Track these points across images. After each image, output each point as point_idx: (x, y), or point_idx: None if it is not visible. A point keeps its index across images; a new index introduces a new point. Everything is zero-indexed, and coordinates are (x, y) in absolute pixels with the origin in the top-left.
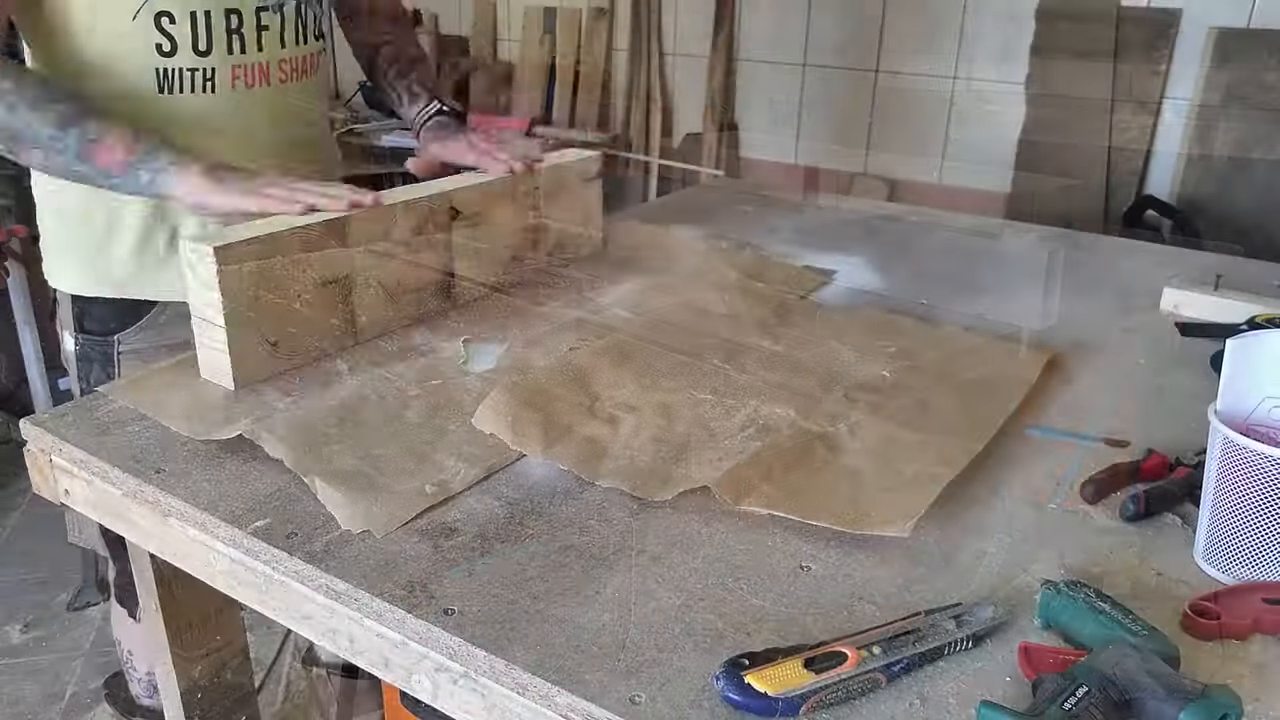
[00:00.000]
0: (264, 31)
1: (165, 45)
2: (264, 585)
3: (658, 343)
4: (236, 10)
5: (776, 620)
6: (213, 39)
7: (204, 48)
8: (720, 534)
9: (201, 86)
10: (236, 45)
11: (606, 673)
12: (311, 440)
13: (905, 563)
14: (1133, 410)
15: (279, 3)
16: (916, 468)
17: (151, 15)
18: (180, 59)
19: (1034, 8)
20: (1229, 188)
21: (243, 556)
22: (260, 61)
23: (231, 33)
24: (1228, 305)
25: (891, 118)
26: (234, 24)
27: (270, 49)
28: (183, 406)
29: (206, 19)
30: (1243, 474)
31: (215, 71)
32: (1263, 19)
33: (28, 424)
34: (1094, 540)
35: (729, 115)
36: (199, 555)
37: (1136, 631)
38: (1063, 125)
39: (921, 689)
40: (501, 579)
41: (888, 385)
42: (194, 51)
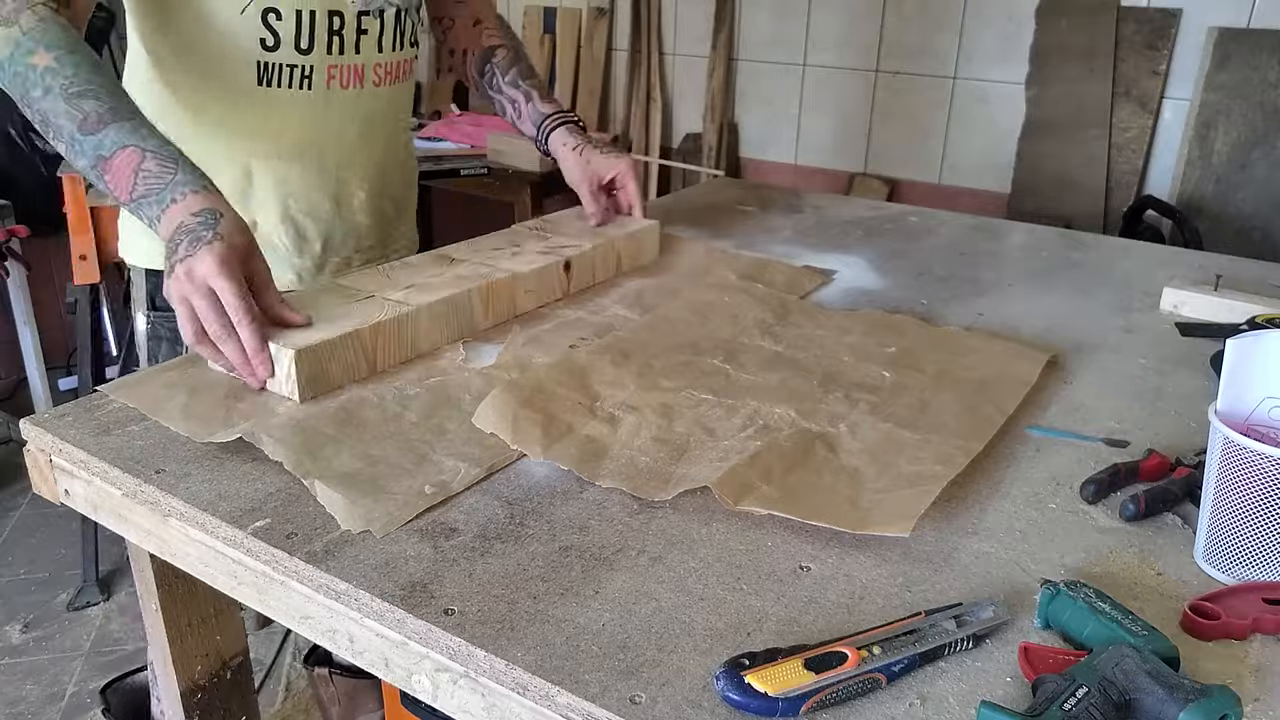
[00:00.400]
0: (363, 35)
1: (269, 40)
2: (264, 585)
3: (658, 342)
4: (339, 12)
5: (776, 620)
6: (315, 38)
7: (305, 46)
8: (720, 534)
9: (299, 83)
10: (336, 46)
11: (606, 673)
12: (311, 441)
13: (905, 563)
14: (1133, 410)
15: (380, 8)
16: (916, 468)
17: (259, 11)
18: (282, 54)
19: (1034, 8)
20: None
21: (243, 557)
22: (357, 64)
23: (333, 34)
24: (1228, 305)
25: (891, 118)
26: (336, 25)
27: (367, 52)
28: (183, 407)
29: (311, 18)
30: (1243, 474)
31: (314, 69)
32: (1263, 19)
33: (28, 424)
34: (1094, 540)
35: (729, 115)
36: (199, 556)
37: (1136, 632)
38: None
39: (921, 689)
40: (501, 579)
41: (888, 385)
42: (296, 49)
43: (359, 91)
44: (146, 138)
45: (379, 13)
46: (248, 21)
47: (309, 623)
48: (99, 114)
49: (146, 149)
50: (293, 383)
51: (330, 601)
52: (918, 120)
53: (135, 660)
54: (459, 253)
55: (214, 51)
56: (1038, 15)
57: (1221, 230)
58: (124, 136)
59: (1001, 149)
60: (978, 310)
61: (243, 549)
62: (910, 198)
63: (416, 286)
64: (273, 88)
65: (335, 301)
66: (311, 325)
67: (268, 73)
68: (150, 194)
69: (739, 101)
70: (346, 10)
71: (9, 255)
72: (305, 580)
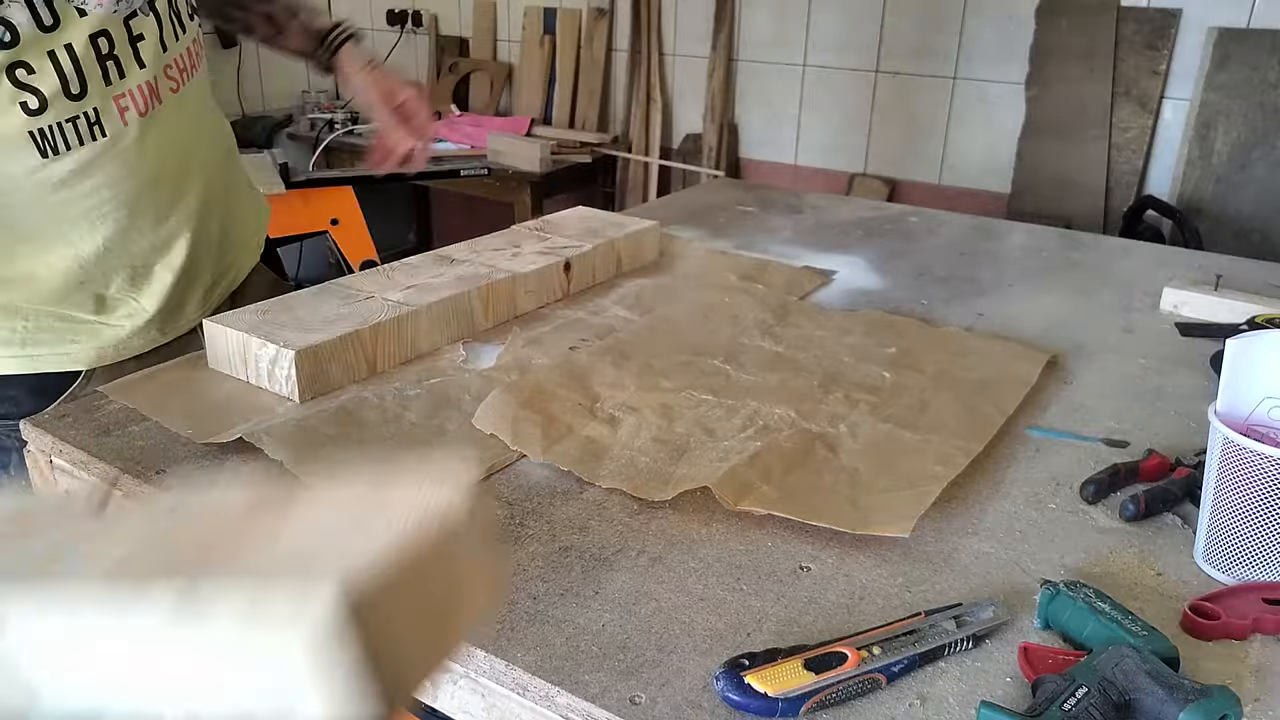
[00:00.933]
0: (139, 43)
1: (31, 102)
2: None
3: (658, 343)
4: (103, 32)
5: (776, 620)
6: (84, 75)
7: (78, 89)
8: (720, 534)
9: (89, 134)
10: (114, 72)
11: (606, 673)
12: (311, 442)
13: (905, 563)
14: (1133, 410)
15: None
16: (916, 468)
17: (2, 71)
18: (56, 112)
19: (1034, 8)
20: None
21: None
22: (143, 81)
23: (104, 59)
24: (1228, 305)
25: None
26: (104, 48)
27: (153, 61)
28: (183, 408)
29: (70, 54)
30: (1243, 474)
31: (99, 111)
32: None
33: (28, 424)
34: (1094, 540)
35: (729, 115)
36: None
37: (1136, 632)
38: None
39: (921, 689)
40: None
41: (888, 386)
42: (67, 97)
43: (160, 110)
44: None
45: (149, 5)
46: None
47: None
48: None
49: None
50: (293, 383)
51: None
52: (918, 120)
53: None
54: (459, 253)
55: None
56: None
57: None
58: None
59: (1001, 149)
60: (978, 310)
61: None
62: (910, 198)
63: (417, 287)
64: (60, 155)
65: (335, 302)
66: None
67: (46, 140)
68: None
69: (739, 102)
70: (111, 25)
71: None
72: None
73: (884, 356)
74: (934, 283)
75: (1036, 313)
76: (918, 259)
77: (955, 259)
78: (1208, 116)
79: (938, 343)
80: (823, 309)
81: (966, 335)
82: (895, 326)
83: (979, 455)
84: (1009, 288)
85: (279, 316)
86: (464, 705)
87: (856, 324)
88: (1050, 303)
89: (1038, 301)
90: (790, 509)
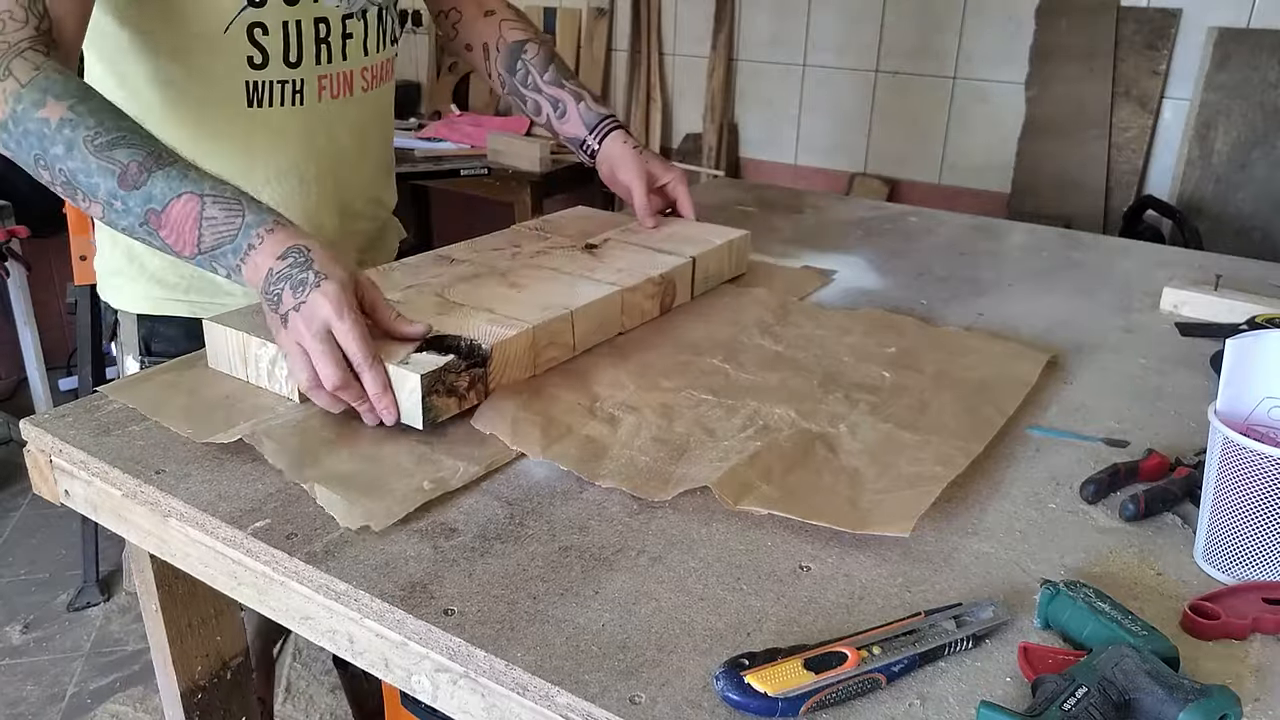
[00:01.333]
0: (348, 40)
1: (257, 58)
2: (264, 586)
3: (657, 342)
4: (324, 19)
5: (776, 620)
6: (303, 49)
7: (294, 59)
8: (720, 534)
9: (291, 99)
10: (324, 55)
11: (606, 673)
12: (311, 444)
13: (905, 563)
14: (1133, 410)
15: (363, 8)
16: (916, 469)
17: (244, 27)
18: (271, 71)
19: (1034, 8)
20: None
21: (242, 557)
22: (345, 71)
23: (320, 42)
24: (1228, 305)
25: (891, 118)
26: (322, 33)
27: (354, 57)
28: (183, 408)
29: (298, 29)
30: (1243, 474)
31: (304, 83)
32: (1263, 19)
33: (28, 424)
34: (1094, 540)
35: (729, 115)
36: (199, 556)
37: (1136, 632)
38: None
39: (921, 689)
40: (501, 579)
41: (887, 386)
42: (285, 63)
43: (347, 100)
44: (199, 180)
45: (362, 14)
46: (233, 40)
47: (309, 623)
48: (139, 162)
49: (204, 193)
50: (293, 383)
51: (330, 602)
52: (918, 120)
53: (136, 660)
54: (459, 253)
55: (200, 78)
56: (1038, 15)
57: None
58: (174, 184)
59: (1001, 149)
60: (978, 310)
61: (243, 549)
62: (910, 198)
63: (416, 287)
64: (264, 107)
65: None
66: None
67: (258, 92)
68: (222, 243)
69: (739, 101)
70: (331, 15)
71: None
72: (305, 581)
73: (884, 356)
74: (934, 282)
75: (1036, 313)
76: (918, 259)
77: (955, 259)
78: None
79: (937, 342)
80: (822, 308)
81: (966, 335)
82: (895, 326)
83: (979, 455)
84: (1009, 287)
85: None
86: (464, 705)
87: (856, 323)
88: (1050, 303)
89: (1038, 301)
90: (790, 509)
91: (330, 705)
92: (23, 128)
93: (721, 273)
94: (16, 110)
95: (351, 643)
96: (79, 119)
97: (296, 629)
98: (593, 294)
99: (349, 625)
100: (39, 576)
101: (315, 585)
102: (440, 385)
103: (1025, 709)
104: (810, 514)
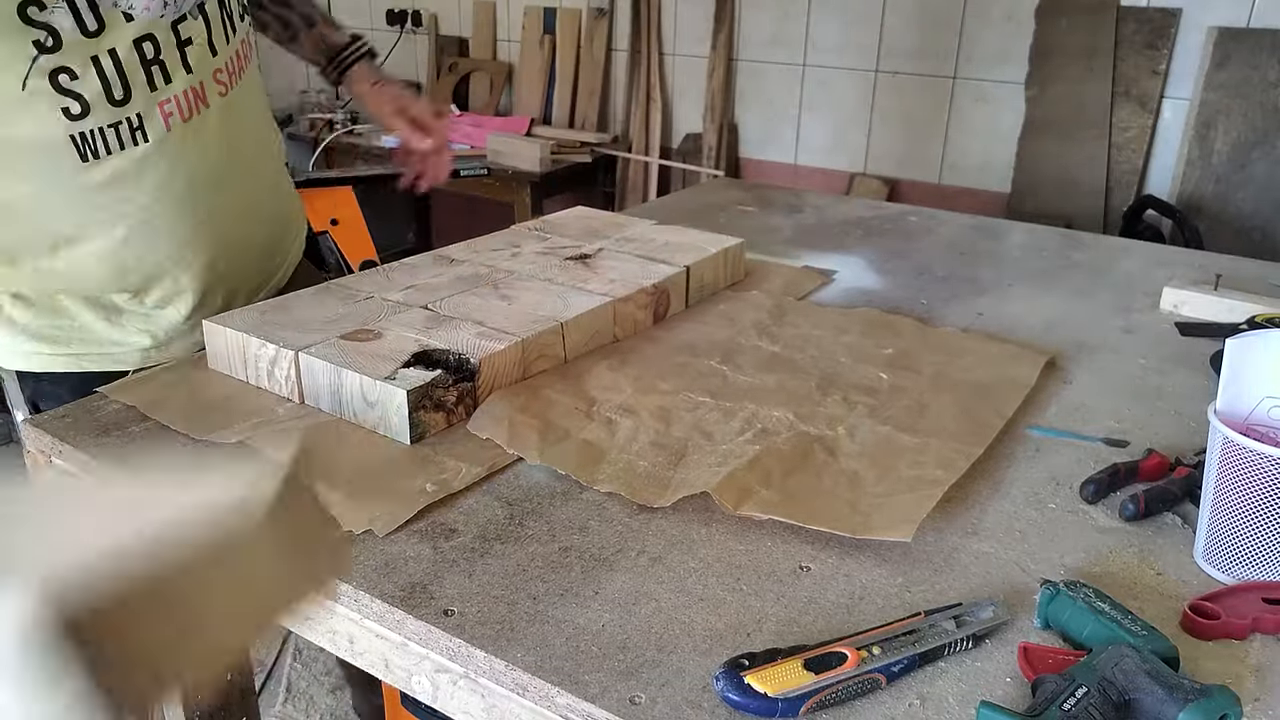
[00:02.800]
0: (187, 48)
1: (74, 107)
2: None
3: (654, 344)
4: (149, 36)
5: (776, 620)
6: (128, 81)
7: (120, 95)
8: (720, 534)
9: (130, 139)
10: (159, 77)
11: (606, 673)
12: (311, 444)
13: (905, 563)
14: (1133, 410)
15: (199, 2)
16: (916, 471)
17: (45, 77)
18: (96, 117)
19: (1034, 8)
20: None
21: None
22: (191, 85)
23: (149, 64)
24: (1227, 305)
25: (891, 118)
26: (149, 53)
27: (200, 64)
28: (183, 408)
29: (114, 60)
30: (1242, 474)
31: (143, 117)
32: (1262, 19)
33: (28, 425)
34: (1094, 540)
35: (729, 115)
36: None
37: (1136, 632)
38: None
39: (921, 689)
40: (501, 580)
41: (885, 387)
42: (110, 103)
43: (207, 113)
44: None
45: (199, 8)
46: (34, 97)
47: (309, 623)
48: None
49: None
50: (292, 383)
51: (330, 603)
52: (918, 120)
53: None
54: (459, 253)
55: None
56: (1038, 15)
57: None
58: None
59: (1001, 149)
60: (977, 310)
61: None
62: (910, 198)
63: (416, 287)
64: (101, 159)
65: (334, 303)
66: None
67: (87, 144)
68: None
69: (739, 101)
70: (157, 29)
71: None
72: None
73: (881, 357)
74: (934, 282)
75: (1036, 312)
76: (917, 259)
77: (955, 259)
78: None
79: (935, 344)
80: (819, 306)
81: (964, 336)
82: (892, 326)
83: (979, 456)
84: (1009, 287)
85: (278, 317)
86: (464, 705)
87: (853, 323)
88: (1050, 303)
89: (1038, 301)
90: (791, 514)
91: (330, 705)
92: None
93: (717, 281)
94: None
95: (352, 643)
96: None
97: (297, 629)
98: (584, 305)
99: (349, 626)
100: None
101: None
102: (428, 400)
103: (1025, 709)
104: (811, 519)
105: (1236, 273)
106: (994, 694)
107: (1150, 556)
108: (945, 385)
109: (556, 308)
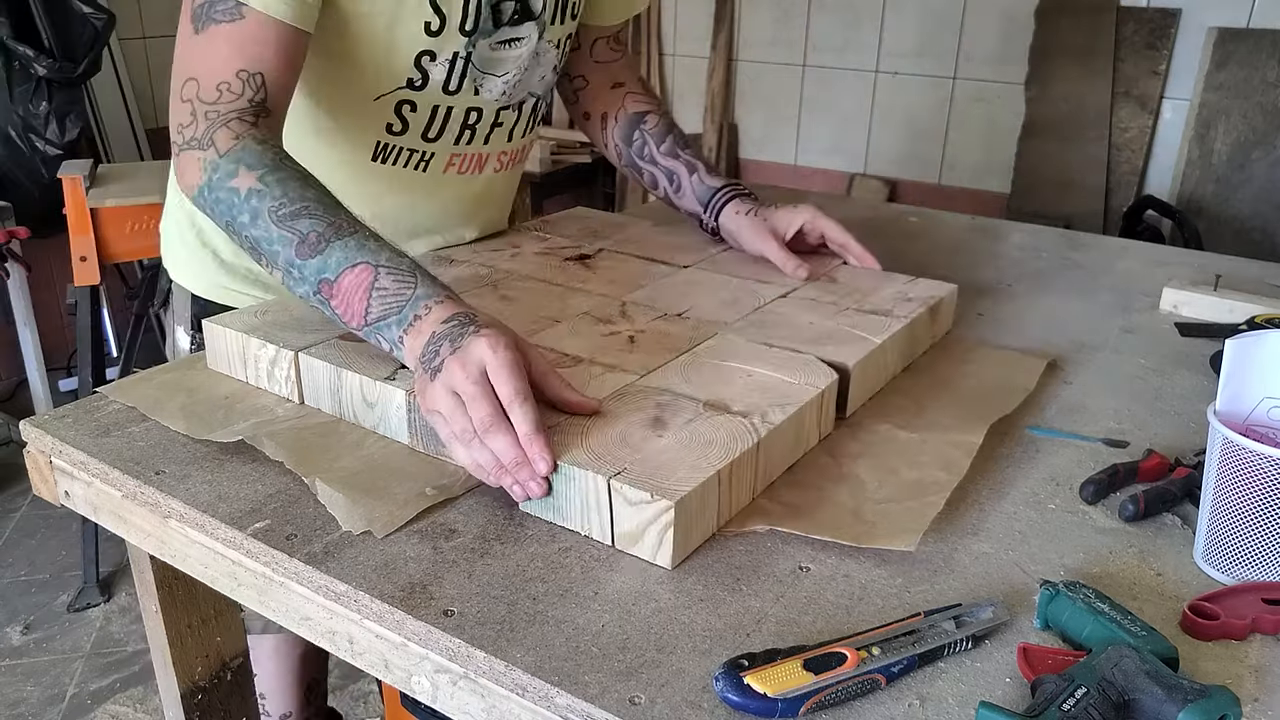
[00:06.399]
0: (497, 128)
1: (396, 126)
2: (264, 587)
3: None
4: (478, 108)
5: (776, 621)
6: (445, 129)
7: (433, 135)
8: (719, 534)
9: (416, 164)
10: (465, 138)
11: (606, 674)
12: (312, 444)
13: (905, 563)
14: (1133, 410)
15: (520, 100)
16: (917, 475)
17: (393, 102)
18: (406, 140)
19: (1034, 8)
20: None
21: (242, 558)
22: (482, 152)
23: (466, 127)
24: (1227, 305)
25: (891, 118)
26: (471, 120)
27: (496, 142)
28: (183, 408)
29: (447, 114)
30: (1242, 474)
31: (433, 155)
32: (1262, 19)
33: (28, 425)
34: (1093, 540)
35: (729, 116)
36: (199, 557)
37: (1136, 632)
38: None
39: (921, 689)
40: (501, 580)
41: (885, 389)
42: (422, 137)
43: (474, 177)
44: (376, 251)
45: (519, 105)
46: (379, 108)
47: (309, 624)
48: (318, 233)
49: (379, 264)
50: (292, 384)
51: (330, 603)
52: (918, 120)
53: (136, 661)
54: (459, 253)
55: (334, 129)
56: (1038, 15)
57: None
58: (350, 253)
59: (1001, 149)
60: (977, 310)
61: (242, 550)
62: (910, 198)
63: None
64: (385, 165)
65: None
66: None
67: (385, 151)
68: (389, 314)
69: (739, 102)
70: (486, 107)
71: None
72: (305, 582)
73: None
74: None
75: (1036, 313)
76: (918, 259)
77: (955, 259)
78: (1207, 116)
79: (935, 346)
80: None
81: (964, 338)
82: None
83: (979, 455)
84: (1009, 288)
85: (278, 317)
86: (464, 705)
87: None
88: (1050, 303)
89: (1037, 301)
90: (793, 525)
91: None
92: (215, 195)
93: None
94: (211, 179)
95: (351, 644)
96: (266, 189)
97: (296, 629)
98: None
99: (349, 626)
100: (39, 577)
101: (315, 586)
102: None
103: (1025, 709)
104: (813, 529)
105: (1236, 273)
106: (993, 694)
107: (1150, 557)
108: (945, 388)
109: (557, 309)
